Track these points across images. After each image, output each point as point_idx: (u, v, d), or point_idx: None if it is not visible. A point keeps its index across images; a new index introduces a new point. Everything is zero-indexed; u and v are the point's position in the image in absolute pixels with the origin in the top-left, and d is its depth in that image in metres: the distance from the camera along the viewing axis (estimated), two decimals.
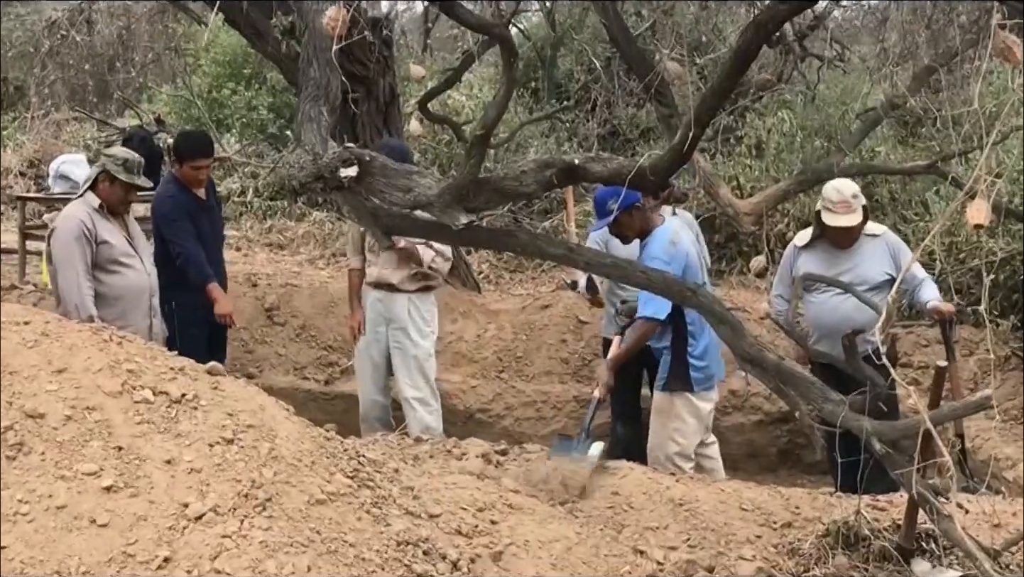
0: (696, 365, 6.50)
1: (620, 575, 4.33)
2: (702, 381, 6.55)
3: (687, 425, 6.57)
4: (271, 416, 4.27)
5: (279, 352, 8.71)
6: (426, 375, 7.66)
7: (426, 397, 7.67)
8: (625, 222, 6.45)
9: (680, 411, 6.56)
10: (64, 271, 6.33)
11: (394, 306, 7.54)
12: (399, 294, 7.53)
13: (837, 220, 6.64)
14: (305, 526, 3.79)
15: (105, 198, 6.48)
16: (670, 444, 6.55)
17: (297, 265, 11.77)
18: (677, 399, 6.56)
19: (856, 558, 4.69)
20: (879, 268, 6.74)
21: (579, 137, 14.42)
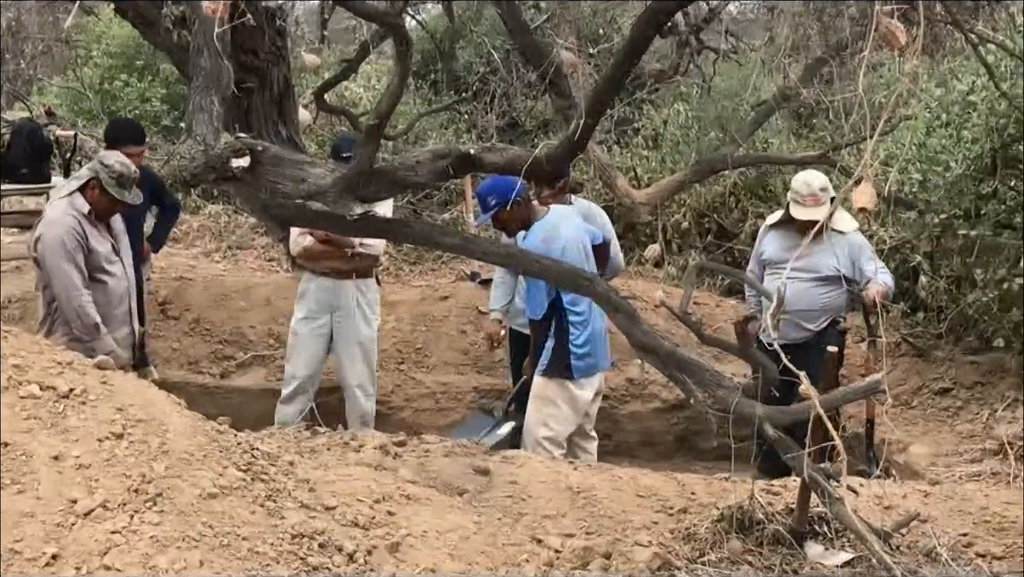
0: (577, 353, 6.54)
1: (518, 564, 4.32)
2: (582, 369, 6.59)
3: (561, 412, 6.61)
4: (162, 410, 4.20)
5: (173, 346, 8.58)
6: (368, 361, 7.72)
7: (366, 384, 7.75)
8: (507, 216, 6.47)
9: (556, 397, 6.60)
10: (61, 280, 6.23)
11: (342, 292, 7.53)
12: (347, 280, 7.52)
13: (804, 213, 6.80)
14: (197, 521, 3.73)
15: (91, 205, 6.36)
16: (542, 428, 6.59)
17: (192, 259, 11.60)
18: (554, 385, 6.60)
19: (750, 542, 4.74)
20: (831, 263, 6.93)
21: (478, 129, 14.41)
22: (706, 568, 4.59)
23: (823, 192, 6.84)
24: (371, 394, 7.83)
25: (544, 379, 6.63)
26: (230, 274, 10.14)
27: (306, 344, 7.68)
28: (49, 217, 6.38)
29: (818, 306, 7.03)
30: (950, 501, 5.28)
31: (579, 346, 6.53)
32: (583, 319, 6.50)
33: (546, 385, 6.61)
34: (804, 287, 6.96)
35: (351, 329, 7.62)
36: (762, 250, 7.30)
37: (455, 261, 10.97)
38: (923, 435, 7.18)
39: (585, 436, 6.87)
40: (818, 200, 6.81)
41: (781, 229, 7.17)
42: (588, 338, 6.55)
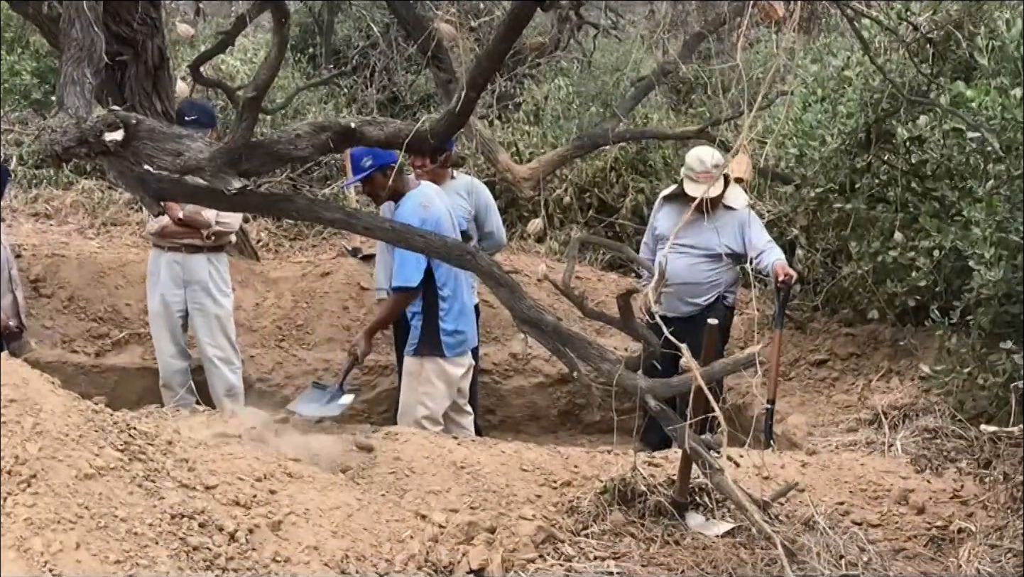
0: (447, 330, 6.55)
1: (402, 540, 4.31)
2: (454, 346, 6.60)
3: (436, 389, 6.61)
4: (35, 389, 4.09)
5: (46, 325, 8.36)
6: (227, 334, 7.65)
7: (229, 356, 7.67)
8: (379, 181, 6.44)
9: (430, 375, 6.60)
10: None
11: (194, 266, 7.44)
12: (198, 254, 7.43)
13: (697, 190, 6.84)
14: (73, 502, 3.65)
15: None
16: (419, 408, 6.58)
17: (65, 235, 11.29)
18: (427, 363, 6.59)
19: (632, 514, 4.80)
20: (720, 240, 7.00)
21: (358, 103, 14.26)
22: (589, 540, 4.63)
23: (716, 169, 6.91)
24: (236, 367, 7.76)
25: (417, 358, 6.61)
26: (105, 251, 9.89)
27: (167, 323, 7.59)
28: None
29: (706, 281, 7.13)
30: (827, 471, 5.39)
31: (449, 323, 6.53)
32: (452, 296, 6.50)
33: (420, 364, 6.60)
34: (692, 262, 7.05)
35: (207, 303, 7.55)
36: (656, 224, 7.37)
37: (336, 236, 10.85)
38: (800, 406, 7.31)
39: (460, 411, 6.87)
40: (711, 176, 6.87)
41: (675, 203, 7.25)
42: (458, 314, 6.55)
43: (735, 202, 7.11)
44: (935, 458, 5.60)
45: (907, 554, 4.68)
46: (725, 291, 7.28)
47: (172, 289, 7.52)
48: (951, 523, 4.90)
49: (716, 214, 7.00)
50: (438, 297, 6.50)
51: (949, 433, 5.93)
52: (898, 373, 7.25)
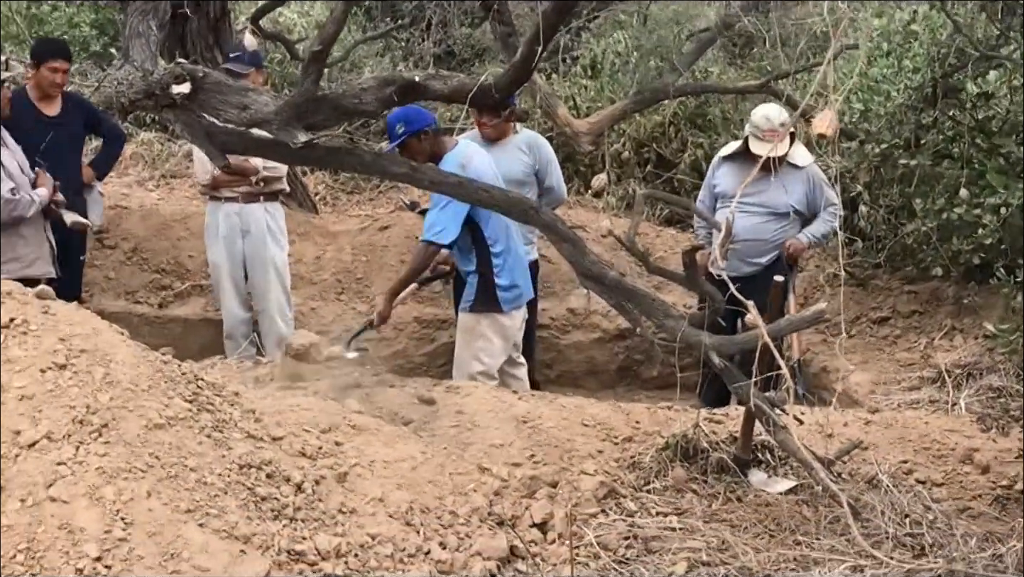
0: (503, 285, 6.53)
1: (465, 493, 4.34)
2: (510, 301, 6.59)
3: (493, 345, 6.61)
4: (106, 340, 4.13)
5: (109, 276, 8.46)
6: (283, 284, 7.73)
7: (283, 306, 7.74)
8: (415, 146, 6.35)
9: (486, 330, 6.59)
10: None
11: (251, 216, 7.50)
12: (255, 203, 7.49)
13: (762, 148, 6.71)
14: (144, 451, 3.69)
15: None
16: (475, 363, 6.58)
17: (126, 187, 11.40)
18: (483, 319, 6.58)
19: (694, 470, 4.80)
20: (786, 199, 6.94)
21: (414, 57, 14.24)
22: (651, 496, 4.64)
23: (782, 127, 6.80)
24: (289, 318, 7.83)
25: (473, 314, 6.61)
26: (166, 203, 9.98)
27: (229, 274, 7.66)
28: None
29: (769, 240, 7.04)
30: (891, 429, 5.36)
31: (504, 278, 6.52)
32: (505, 251, 6.48)
33: (476, 319, 6.59)
34: (756, 221, 6.95)
35: (264, 253, 7.61)
36: (715, 182, 7.25)
37: (392, 190, 10.88)
38: (862, 364, 7.26)
39: (514, 363, 6.87)
40: (777, 135, 6.76)
41: (736, 162, 7.12)
42: (512, 270, 6.54)
43: (800, 160, 7.01)
44: (1000, 417, 5.56)
45: (971, 513, 4.65)
46: None
47: (232, 240, 7.59)
48: (1016, 483, 4.86)
49: (780, 172, 6.91)
50: (490, 253, 6.49)
51: (1014, 392, 5.87)
52: (961, 331, 7.19)
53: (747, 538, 4.32)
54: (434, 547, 3.96)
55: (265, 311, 7.70)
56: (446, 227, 6.26)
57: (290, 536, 3.68)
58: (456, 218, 6.25)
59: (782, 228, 7.03)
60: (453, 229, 6.27)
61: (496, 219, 6.32)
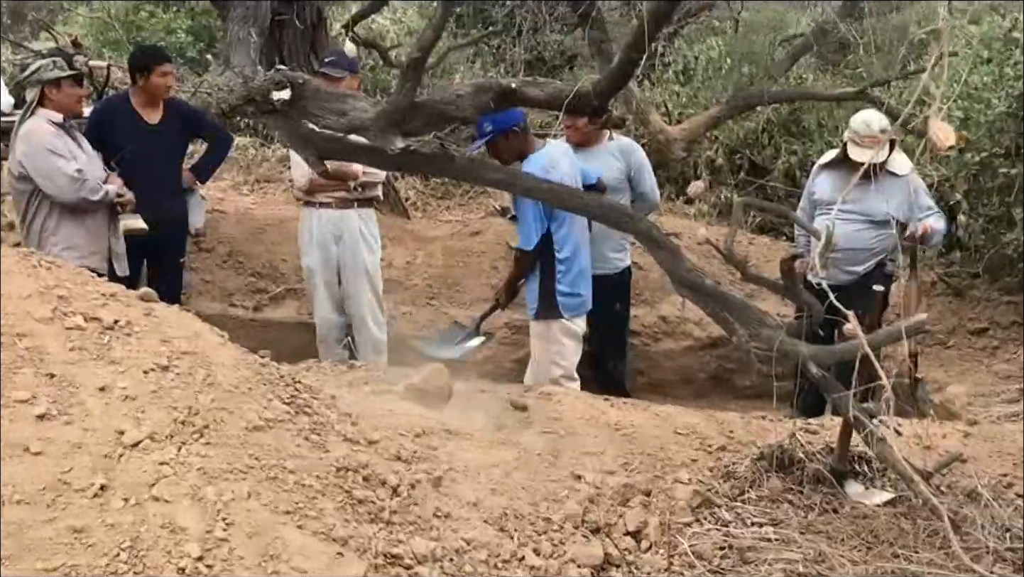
0: (563, 292, 6.51)
1: (559, 499, 4.33)
2: (571, 308, 6.57)
3: (566, 347, 6.60)
4: (206, 342, 4.19)
5: (206, 279, 8.59)
6: (376, 289, 7.77)
7: (376, 311, 7.79)
8: (501, 145, 6.37)
9: (557, 334, 6.58)
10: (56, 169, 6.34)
11: (345, 221, 7.56)
12: (349, 209, 7.56)
13: (862, 155, 6.63)
14: (244, 453, 3.73)
15: (63, 105, 6.43)
16: (554, 368, 6.57)
17: (221, 191, 11.58)
18: (553, 323, 6.58)
19: (790, 481, 4.75)
20: (885, 208, 6.83)
21: (505, 63, 14.30)
22: (746, 506, 4.59)
23: (883, 134, 6.70)
24: (382, 323, 7.87)
25: (540, 321, 6.62)
26: (260, 207, 10.12)
27: (323, 279, 7.73)
28: (24, 131, 6.43)
29: (868, 248, 6.93)
30: (990, 442, 5.26)
31: (565, 286, 6.51)
32: (570, 258, 6.48)
33: (547, 325, 6.60)
34: (855, 229, 6.85)
35: (357, 258, 7.67)
36: (814, 190, 7.17)
37: (483, 196, 10.93)
38: (960, 375, 7.15)
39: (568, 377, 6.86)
40: (877, 141, 6.66)
41: (835, 169, 7.03)
42: (574, 277, 6.53)
43: (899, 168, 6.90)
44: None
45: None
46: (885, 259, 7.10)
47: (326, 245, 7.66)
48: None
49: (880, 180, 6.81)
50: (555, 259, 6.49)
51: None
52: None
53: (844, 550, 4.26)
54: (528, 553, 3.96)
55: (358, 315, 7.76)
56: (529, 233, 6.36)
57: (386, 539, 3.70)
58: (535, 223, 6.32)
59: (880, 237, 6.93)
60: (534, 233, 6.34)
61: (567, 226, 6.36)
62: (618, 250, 7.29)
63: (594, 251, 7.09)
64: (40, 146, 6.32)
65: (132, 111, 7.24)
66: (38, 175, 6.36)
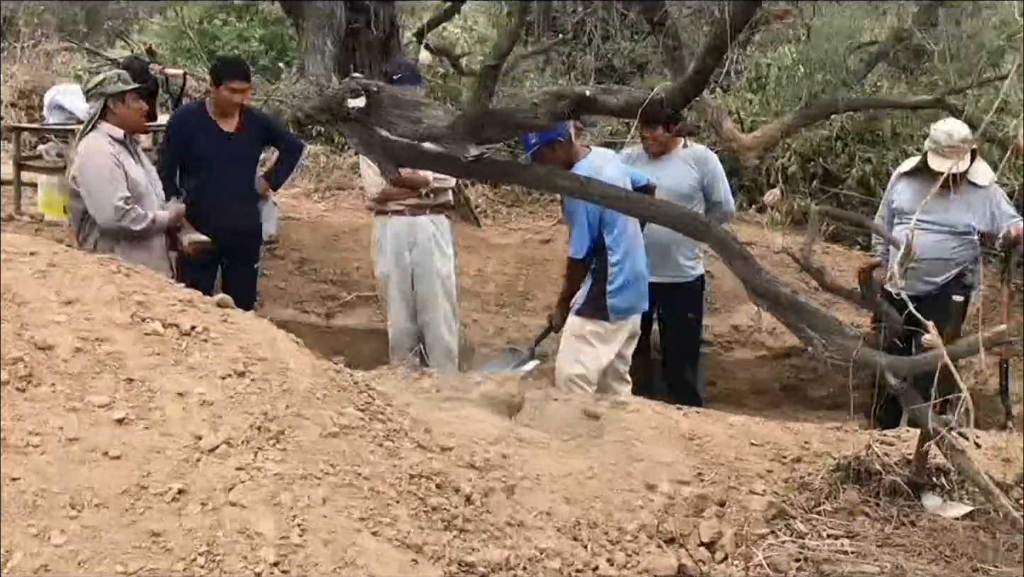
0: (615, 295, 6.51)
1: (632, 509, 4.31)
2: (619, 311, 6.57)
3: (594, 350, 6.58)
4: (282, 349, 4.22)
5: (279, 285, 8.66)
6: (449, 296, 7.78)
7: (449, 318, 7.80)
8: (548, 156, 6.36)
9: (589, 335, 6.57)
10: (105, 196, 6.34)
11: (418, 228, 7.59)
12: (421, 216, 7.58)
13: (942, 164, 6.57)
14: (319, 459, 3.75)
15: (125, 119, 6.44)
16: (575, 365, 6.56)
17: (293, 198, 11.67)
18: (589, 324, 6.57)
19: (867, 493, 4.68)
20: (967, 218, 6.77)
21: (576, 71, 14.28)
22: (822, 518, 4.54)
23: (964, 144, 6.61)
24: (454, 330, 7.88)
25: (580, 318, 6.61)
26: (332, 214, 10.18)
27: (396, 286, 7.75)
28: (83, 147, 6.45)
29: (948, 259, 6.85)
30: None
31: (616, 289, 6.50)
32: (621, 261, 6.46)
33: (581, 324, 6.60)
34: (935, 239, 6.77)
35: (430, 265, 7.68)
36: (893, 198, 7.10)
37: (553, 203, 10.91)
38: None
39: (620, 379, 6.82)
40: (958, 152, 6.57)
41: (915, 178, 6.96)
42: (625, 282, 6.51)
43: (981, 179, 6.80)
44: None
45: None
46: (964, 269, 7.00)
47: (399, 252, 7.68)
48: None
49: (961, 190, 6.71)
50: (608, 261, 6.48)
51: None
52: None
53: (922, 564, 4.20)
54: (602, 563, 3.94)
55: (431, 323, 7.77)
56: (580, 242, 6.40)
57: (460, 547, 3.70)
58: (586, 231, 6.36)
59: (960, 247, 6.84)
60: (586, 242, 6.38)
61: (620, 229, 6.38)
62: (691, 258, 7.26)
63: (667, 259, 7.09)
64: (94, 166, 6.35)
65: (208, 119, 7.33)
66: (87, 196, 6.40)
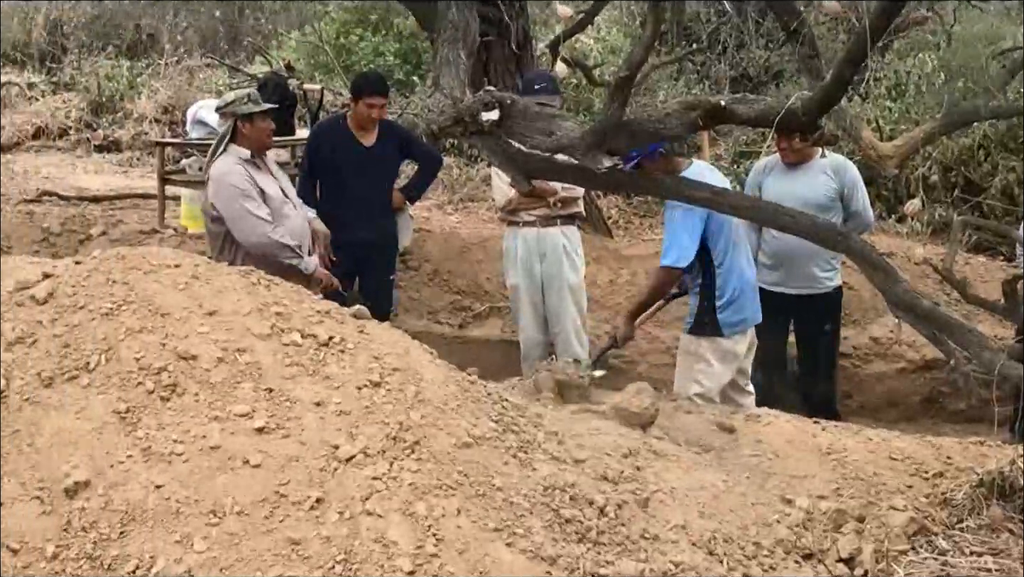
0: (724, 309, 6.35)
1: (768, 524, 4.25)
2: (732, 325, 6.39)
3: (712, 367, 6.42)
4: (416, 359, 4.26)
5: (413, 296, 8.75)
6: (580, 306, 7.77)
7: (579, 330, 7.78)
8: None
9: (705, 353, 6.41)
10: (247, 221, 6.43)
11: (549, 239, 7.60)
12: (552, 227, 7.59)
13: None
14: (453, 469, 3.77)
15: (253, 140, 6.54)
16: (693, 385, 6.41)
17: (426, 210, 11.79)
18: (704, 341, 6.42)
19: (1011, 509, 4.56)
20: None
21: (709, 80, 14.19)
22: (964, 535, 4.43)
23: None
24: (585, 341, 7.86)
25: (692, 336, 6.48)
26: (464, 226, 10.27)
27: (527, 297, 7.76)
28: (216, 172, 6.54)
29: None
30: None
31: (726, 303, 6.35)
32: (729, 272, 6.33)
33: (696, 342, 6.46)
34: None
35: (560, 276, 7.67)
36: None
37: None
38: None
39: (740, 391, 6.67)
40: None
41: None
42: (734, 293, 6.37)
43: None
44: None
45: None
46: None
47: (530, 263, 7.70)
48: None
49: None
50: (715, 274, 6.35)
51: None
52: None
53: None
54: None
55: (561, 333, 7.77)
56: (683, 250, 6.19)
57: (594, 560, 3.69)
58: (692, 241, 6.18)
59: None
60: (690, 251, 6.20)
61: (725, 239, 6.24)
62: (827, 269, 7.13)
63: (802, 270, 6.99)
64: (231, 187, 6.44)
65: (347, 132, 7.47)
66: (229, 221, 6.50)
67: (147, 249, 4.62)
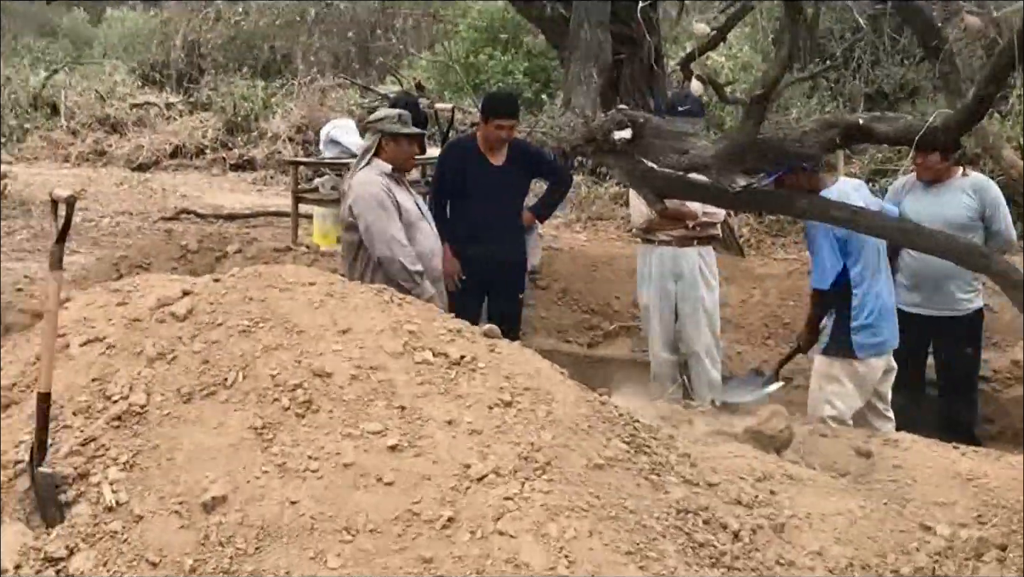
0: (859, 331, 6.21)
1: (907, 552, 4.14)
2: (867, 347, 6.24)
3: (845, 389, 6.28)
4: (547, 379, 4.26)
5: (542, 315, 8.75)
6: (713, 327, 7.67)
7: (712, 349, 7.68)
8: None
9: (839, 375, 6.28)
10: (380, 233, 6.46)
11: (684, 259, 7.54)
12: (688, 248, 7.53)
13: None
14: (585, 491, 3.75)
15: (395, 158, 6.61)
16: (825, 407, 6.28)
17: (554, 229, 11.80)
18: (837, 362, 6.29)
19: None
20: None
21: (843, 97, 13.98)
22: None
23: None
24: (717, 361, 7.74)
25: (826, 357, 6.36)
26: (592, 244, 10.25)
27: (659, 317, 7.69)
28: (357, 181, 6.59)
29: None
30: None
31: (862, 323, 6.21)
32: (866, 294, 6.19)
33: (829, 363, 6.33)
34: None
35: (695, 297, 7.58)
36: None
37: None
38: None
39: (879, 416, 6.50)
40: None
41: None
42: (871, 314, 6.22)
43: None
44: None
45: None
46: None
47: (664, 283, 7.62)
48: None
49: None
50: (851, 294, 6.22)
51: None
52: None
53: None
54: None
55: (694, 354, 7.68)
56: (822, 271, 6.16)
57: None
58: (827, 261, 6.13)
59: None
60: (828, 272, 6.14)
61: (864, 260, 6.13)
62: (968, 291, 6.95)
63: (941, 292, 6.84)
64: (371, 196, 6.51)
65: (478, 152, 7.49)
66: (364, 228, 6.52)
67: (283, 267, 4.70)
